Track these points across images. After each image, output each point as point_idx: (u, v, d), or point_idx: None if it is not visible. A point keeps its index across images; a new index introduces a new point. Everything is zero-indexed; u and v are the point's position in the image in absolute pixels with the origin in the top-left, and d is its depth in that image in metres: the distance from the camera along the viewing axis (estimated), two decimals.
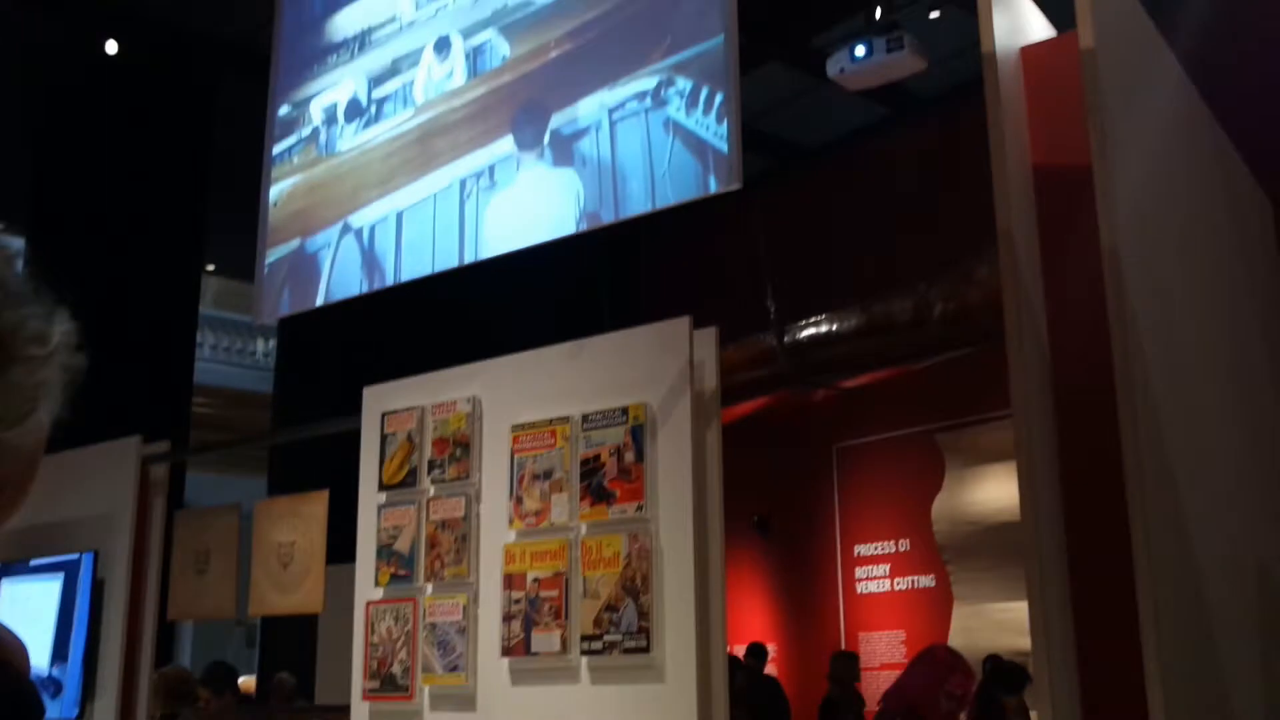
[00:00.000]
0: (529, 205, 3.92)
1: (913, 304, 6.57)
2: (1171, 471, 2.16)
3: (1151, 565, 1.90)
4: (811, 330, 7.32)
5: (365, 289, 4.44)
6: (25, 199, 8.86)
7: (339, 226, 4.55)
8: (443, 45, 4.38)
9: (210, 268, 12.25)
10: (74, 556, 4.97)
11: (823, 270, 8.96)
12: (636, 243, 7.23)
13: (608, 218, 3.68)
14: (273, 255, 4.80)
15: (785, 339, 7.27)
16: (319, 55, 4.90)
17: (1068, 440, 2.18)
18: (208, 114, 8.22)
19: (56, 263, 7.75)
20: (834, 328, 7.18)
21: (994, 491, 9.07)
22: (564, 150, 3.83)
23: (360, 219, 4.49)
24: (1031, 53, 2.23)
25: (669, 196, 3.51)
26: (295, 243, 4.73)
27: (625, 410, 3.41)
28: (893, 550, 10.27)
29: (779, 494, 10.65)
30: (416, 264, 4.25)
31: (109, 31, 7.57)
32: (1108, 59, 2.05)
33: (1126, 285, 1.98)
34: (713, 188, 3.39)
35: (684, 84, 3.51)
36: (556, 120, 3.87)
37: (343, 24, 4.86)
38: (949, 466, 9.68)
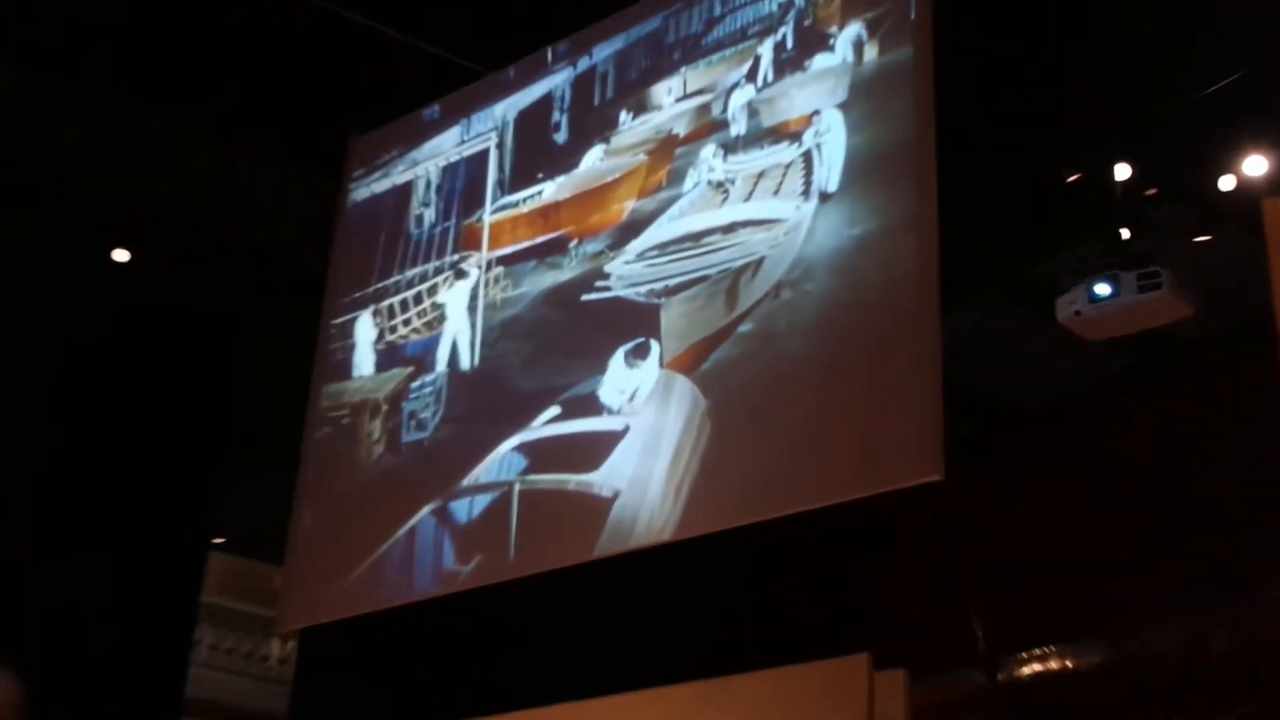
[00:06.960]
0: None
1: (1181, 634, 6.45)
2: None
3: None
4: (1036, 666, 7.23)
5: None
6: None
7: None
8: None
9: (218, 540, 12.51)
10: None
11: (1048, 581, 8.76)
12: (789, 547, 7.21)
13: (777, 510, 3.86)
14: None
15: (999, 676, 7.14)
16: None
17: None
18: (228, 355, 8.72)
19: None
20: (1068, 664, 7.08)
21: None
22: None
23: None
24: None
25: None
26: None
27: None
28: None
29: None
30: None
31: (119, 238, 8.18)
32: None
33: None
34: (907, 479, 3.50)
35: None
36: None
37: None
38: None
